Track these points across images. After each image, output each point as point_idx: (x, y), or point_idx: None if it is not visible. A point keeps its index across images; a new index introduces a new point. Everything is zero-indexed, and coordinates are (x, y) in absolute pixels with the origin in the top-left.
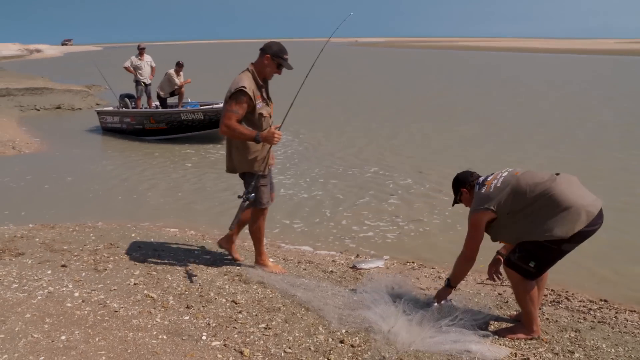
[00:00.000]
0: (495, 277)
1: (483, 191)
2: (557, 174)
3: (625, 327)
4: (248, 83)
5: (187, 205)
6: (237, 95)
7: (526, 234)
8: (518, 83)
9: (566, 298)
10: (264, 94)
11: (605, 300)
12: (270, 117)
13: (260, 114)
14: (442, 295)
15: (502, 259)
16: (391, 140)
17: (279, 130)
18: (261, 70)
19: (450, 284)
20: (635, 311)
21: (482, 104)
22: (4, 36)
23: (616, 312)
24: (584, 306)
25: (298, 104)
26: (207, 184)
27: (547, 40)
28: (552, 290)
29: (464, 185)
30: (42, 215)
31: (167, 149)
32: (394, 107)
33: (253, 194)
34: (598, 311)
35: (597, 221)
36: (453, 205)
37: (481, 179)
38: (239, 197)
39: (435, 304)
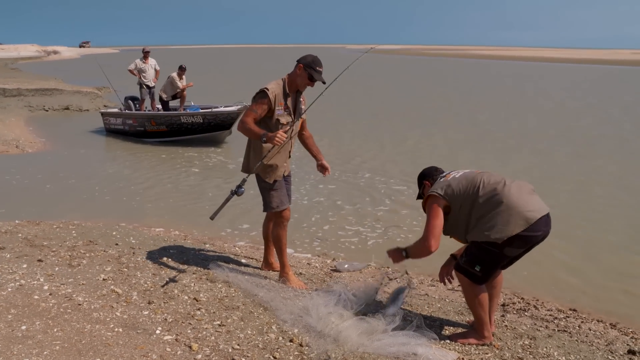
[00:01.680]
0: (445, 280)
1: (441, 179)
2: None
3: (586, 336)
4: (273, 87)
5: (177, 206)
6: (258, 95)
7: (470, 232)
8: (535, 93)
9: (534, 306)
10: (289, 104)
11: (574, 310)
12: (290, 127)
13: (278, 120)
14: (395, 255)
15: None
16: (392, 147)
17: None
18: (293, 79)
19: (408, 254)
20: (602, 321)
21: (492, 114)
22: (23, 37)
23: (582, 322)
24: (550, 315)
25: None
26: (203, 187)
27: (563, 50)
28: (521, 298)
29: (427, 179)
30: (31, 212)
31: (170, 152)
32: (400, 115)
33: (243, 189)
34: (563, 320)
35: (540, 228)
36: (417, 198)
37: (444, 172)
38: (231, 191)
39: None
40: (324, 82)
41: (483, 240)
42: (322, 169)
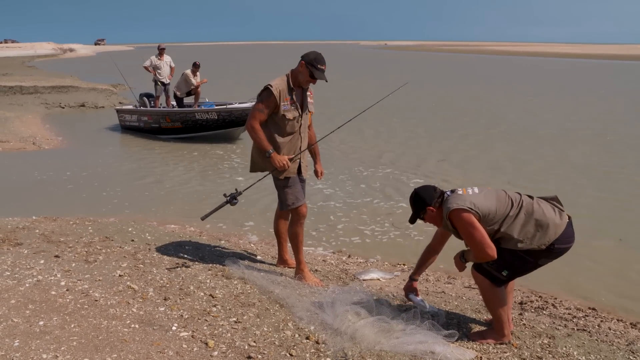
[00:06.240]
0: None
1: (460, 193)
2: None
3: (606, 335)
4: (277, 82)
5: (193, 203)
6: (263, 93)
7: (506, 242)
8: (556, 90)
9: (553, 305)
10: (295, 98)
11: (594, 309)
12: (298, 122)
13: (284, 116)
14: (459, 265)
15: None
16: (409, 141)
17: (291, 160)
18: (296, 75)
19: (466, 259)
20: (622, 320)
21: (512, 111)
22: (39, 36)
23: (601, 321)
24: (569, 313)
25: (325, 105)
26: (218, 185)
27: (582, 46)
28: (539, 296)
29: (431, 204)
30: (48, 208)
31: (185, 149)
32: (414, 110)
33: (236, 201)
34: (582, 319)
35: (570, 239)
36: (412, 222)
37: (449, 191)
38: (224, 195)
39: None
40: (324, 79)
41: (522, 249)
42: (316, 172)
